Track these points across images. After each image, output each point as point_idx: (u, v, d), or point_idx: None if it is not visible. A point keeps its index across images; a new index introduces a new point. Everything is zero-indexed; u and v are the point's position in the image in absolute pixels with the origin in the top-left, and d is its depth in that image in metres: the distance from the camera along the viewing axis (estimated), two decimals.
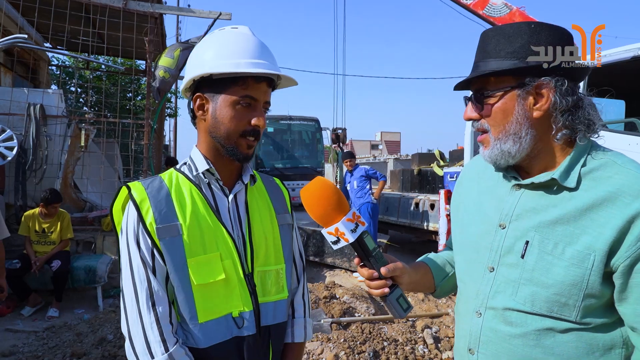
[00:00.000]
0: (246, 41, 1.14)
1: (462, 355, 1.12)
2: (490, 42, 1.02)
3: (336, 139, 10.31)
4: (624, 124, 4.95)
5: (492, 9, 6.31)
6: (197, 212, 1.12)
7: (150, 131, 7.16)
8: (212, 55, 1.12)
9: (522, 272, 0.98)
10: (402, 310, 1.08)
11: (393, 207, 8.75)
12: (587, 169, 0.97)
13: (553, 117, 0.98)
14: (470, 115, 1.06)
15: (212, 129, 1.14)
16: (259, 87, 1.13)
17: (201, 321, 1.09)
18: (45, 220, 5.18)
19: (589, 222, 0.92)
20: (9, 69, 8.47)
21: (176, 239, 1.08)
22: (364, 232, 1.05)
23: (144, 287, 1.06)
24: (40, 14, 6.68)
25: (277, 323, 1.21)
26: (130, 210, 1.09)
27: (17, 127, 6.10)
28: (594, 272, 0.90)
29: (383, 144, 52.46)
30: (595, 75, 4.81)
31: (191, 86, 1.18)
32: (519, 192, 1.04)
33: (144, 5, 7.14)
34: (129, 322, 1.07)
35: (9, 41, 5.94)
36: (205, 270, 1.09)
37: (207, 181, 1.17)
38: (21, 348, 4.06)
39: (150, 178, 1.16)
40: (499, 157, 1.02)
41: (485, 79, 1.01)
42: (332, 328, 3.84)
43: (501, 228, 1.04)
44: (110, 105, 11.36)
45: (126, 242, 1.09)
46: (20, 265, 4.90)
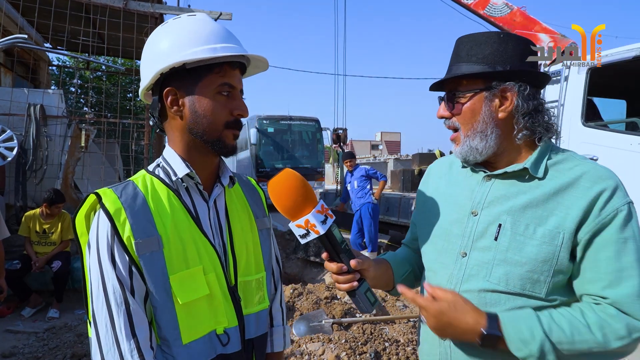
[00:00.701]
0: (212, 26, 1.04)
1: (432, 344, 1.16)
2: (463, 48, 1.12)
3: (337, 140, 10.32)
4: (625, 123, 4.95)
5: (493, 8, 6.30)
6: (177, 222, 1.01)
7: (151, 131, 7.15)
8: (180, 44, 1.00)
9: (495, 253, 1.06)
10: (370, 304, 1.08)
11: (394, 207, 8.76)
12: (552, 162, 1.09)
13: (515, 118, 1.09)
14: (442, 114, 1.16)
15: (192, 125, 1.03)
16: (235, 74, 1.06)
17: (185, 342, 0.99)
18: (46, 220, 5.18)
19: (556, 205, 1.03)
20: (9, 69, 8.47)
21: (156, 254, 0.96)
22: (332, 225, 1.03)
23: (121, 311, 0.93)
24: (40, 14, 6.68)
25: (259, 335, 1.15)
26: (102, 221, 0.95)
27: (17, 127, 6.09)
28: (563, 248, 1.00)
29: (383, 144, 52.48)
30: (597, 75, 4.81)
31: (156, 83, 1.05)
32: (490, 182, 1.13)
33: (144, 6, 7.14)
34: (103, 352, 0.94)
35: (9, 41, 5.94)
36: (189, 287, 0.99)
37: (186, 186, 1.06)
38: (22, 349, 4.06)
39: (122, 183, 1.03)
40: (468, 153, 1.12)
41: (457, 81, 1.12)
42: (333, 329, 3.83)
43: (473, 215, 1.12)
44: (111, 105, 11.37)
45: (97, 260, 0.94)
46: (21, 266, 4.89)
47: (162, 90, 1.04)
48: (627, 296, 0.97)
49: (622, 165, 4.18)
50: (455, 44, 1.15)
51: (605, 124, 4.69)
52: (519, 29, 6.12)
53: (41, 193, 6.00)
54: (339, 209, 8.21)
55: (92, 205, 1.00)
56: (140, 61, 1.10)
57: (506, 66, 1.07)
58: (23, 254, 5.09)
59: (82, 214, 1.01)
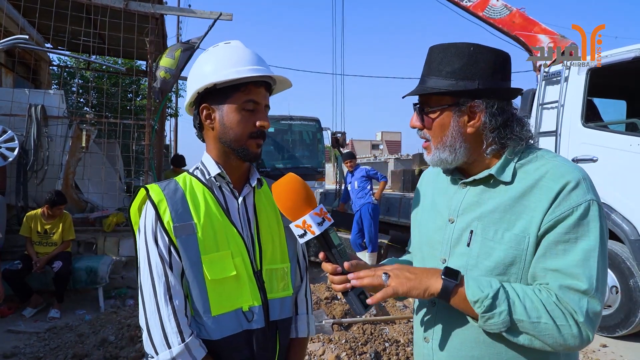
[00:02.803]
0: (242, 52, 1.24)
1: (419, 345, 1.22)
2: (434, 59, 1.12)
3: (335, 143, 10.32)
4: (625, 124, 4.95)
5: (492, 10, 6.29)
6: (209, 213, 1.20)
7: (152, 132, 7.16)
8: (213, 68, 1.21)
9: (468, 259, 1.09)
10: (363, 307, 1.10)
11: (394, 207, 8.76)
12: (520, 164, 1.10)
13: (484, 134, 1.11)
14: (415, 124, 1.18)
15: (222, 135, 1.22)
16: (259, 92, 1.23)
17: (214, 314, 1.16)
18: (48, 221, 5.19)
19: (523, 208, 1.04)
20: (10, 70, 8.47)
21: (191, 237, 1.15)
22: (330, 227, 1.10)
23: (161, 282, 1.13)
24: (41, 15, 6.69)
25: (283, 318, 1.28)
26: (149, 210, 1.16)
27: (18, 127, 6.10)
28: (529, 252, 1.02)
29: (384, 144, 52.45)
30: (597, 76, 4.82)
31: (195, 100, 1.26)
32: (465, 189, 1.16)
33: (144, 6, 7.14)
34: (147, 315, 1.14)
35: (10, 42, 5.94)
36: (218, 267, 1.16)
37: (219, 184, 1.25)
38: (23, 349, 4.07)
39: (166, 181, 1.24)
40: (438, 163, 1.15)
41: (426, 95, 1.13)
42: (334, 329, 3.84)
43: (450, 222, 1.15)
44: (111, 105, 11.37)
45: (144, 240, 1.15)
46: (22, 266, 4.90)
47: (199, 105, 1.24)
48: (565, 289, 0.98)
49: (622, 165, 4.19)
50: (428, 52, 1.15)
51: (605, 125, 4.69)
52: (519, 30, 6.12)
53: (42, 193, 6.01)
54: (339, 209, 8.22)
55: (143, 199, 1.20)
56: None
57: (475, 83, 1.07)
58: (24, 254, 5.10)
59: (135, 207, 1.22)
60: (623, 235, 4.20)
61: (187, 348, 1.11)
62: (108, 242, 6.10)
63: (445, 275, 1.02)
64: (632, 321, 4.17)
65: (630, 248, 4.15)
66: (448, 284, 1.00)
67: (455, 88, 1.07)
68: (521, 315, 0.96)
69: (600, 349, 4.24)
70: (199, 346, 1.14)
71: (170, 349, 1.11)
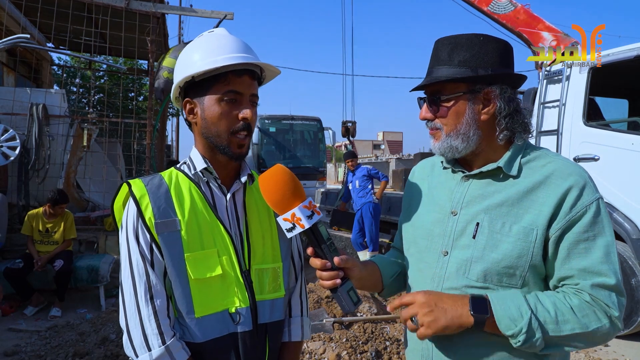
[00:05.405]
0: (224, 40, 1.16)
1: (415, 341, 1.18)
2: (444, 50, 1.13)
3: (346, 132, 10.26)
4: (626, 123, 4.93)
5: (497, 6, 6.29)
6: (195, 209, 1.14)
7: (153, 131, 7.17)
8: (194, 59, 1.14)
9: (473, 251, 1.09)
10: (352, 304, 1.08)
11: (395, 206, 8.74)
12: (526, 160, 1.12)
13: (497, 120, 1.12)
14: (425, 116, 1.18)
15: (204, 130, 1.16)
16: (242, 81, 1.14)
17: (198, 316, 1.11)
18: (49, 220, 5.19)
19: (530, 202, 1.07)
20: (12, 69, 8.50)
21: (174, 234, 1.10)
22: (319, 221, 1.07)
23: (142, 281, 1.08)
24: (42, 14, 6.71)
25: (273, 321, 1.22)
26: (130, 206, 1.12)
27: (19, 126, 6.11)
28: (537, 244, 1.04)
29: (385, 144, 52.45)
30: (598, 75, 4.79)
31: (180, 94, 1.21)
32: (468, 182, 1.17)
33: (146, 5, 7.14)
34: (127, 315, 1.09)
35: (11, 41, 5.96)
36: (203, 266, 1.11)
37: (206, 180, 1.19)
38: (24, 348, 4.08)
39: (151, 175, 1.19)
40: (447, 151, 1.14)
41: (440, 84, 1.13)
42: (334, 328, 3.84)
43: (453, 215, 1.15)
44: (113, 105, 11.39)
45: (126, 237, 1.11)
46: (23, 265, 4.90)
47: (183, 99, 1.19)
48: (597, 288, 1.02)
49: (624, 164, 4.17)
50: (435, 45, 1.17)
51: (607, 124, 4.67)
52: (523, 26, 6.11)
53: (43, 192, 6.02)
54: (340, 208, 8.21)
55: (127, 194, 1.15)
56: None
57: (488, 70, 1.09)
58: (25, 253, 5.11)
59: (119, 203, 1.18)
60: (625, 234, 4.18)
61: (168, 351, 1.06)
62: (109, 241, 6.10)
63: (475, 311, 1.01)
64: (634, 320, 4.16)
65: (632, 247, 4.14)
66: (479, 319, 1.01)
67: (471, 74, 1.09)
68: (554, 332, 0.99)
69: (602, 348, 4.23)
70: (181, 349, 1.08)
71: (150, 352, 1.06)
